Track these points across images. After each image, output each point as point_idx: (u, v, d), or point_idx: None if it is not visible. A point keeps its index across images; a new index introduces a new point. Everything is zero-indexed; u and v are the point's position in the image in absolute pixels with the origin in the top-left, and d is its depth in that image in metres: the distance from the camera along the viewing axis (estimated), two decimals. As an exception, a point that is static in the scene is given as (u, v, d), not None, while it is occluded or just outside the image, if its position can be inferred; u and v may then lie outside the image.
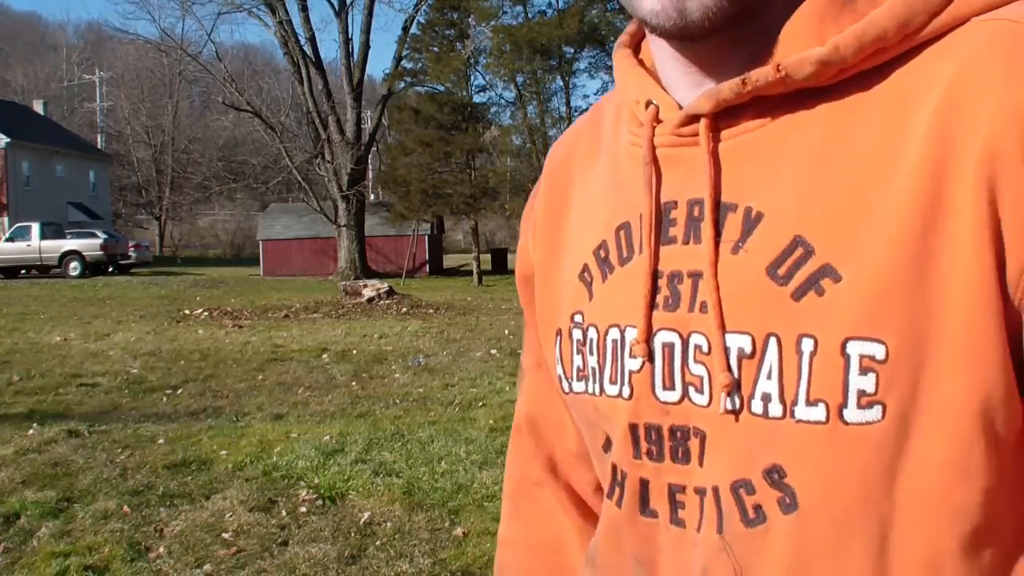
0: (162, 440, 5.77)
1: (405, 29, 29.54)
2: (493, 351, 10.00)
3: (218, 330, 12.40)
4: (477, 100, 30.11)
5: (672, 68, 0.66)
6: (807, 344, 0.57)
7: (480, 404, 7.00)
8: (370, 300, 16.46)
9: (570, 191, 0.78)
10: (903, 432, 0.55)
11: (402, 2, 32.51)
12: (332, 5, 29.48)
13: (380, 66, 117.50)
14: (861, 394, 0.55)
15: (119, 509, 4.35)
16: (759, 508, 0.60)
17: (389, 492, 4.61)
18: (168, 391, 7.61)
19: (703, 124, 0.62)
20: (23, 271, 29.44)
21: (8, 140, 37.84)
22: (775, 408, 0.58)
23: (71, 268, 28.75)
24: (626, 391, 0.67)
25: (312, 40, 29.17)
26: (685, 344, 0.63)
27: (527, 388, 0.88)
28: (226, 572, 3.63)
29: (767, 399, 0.59)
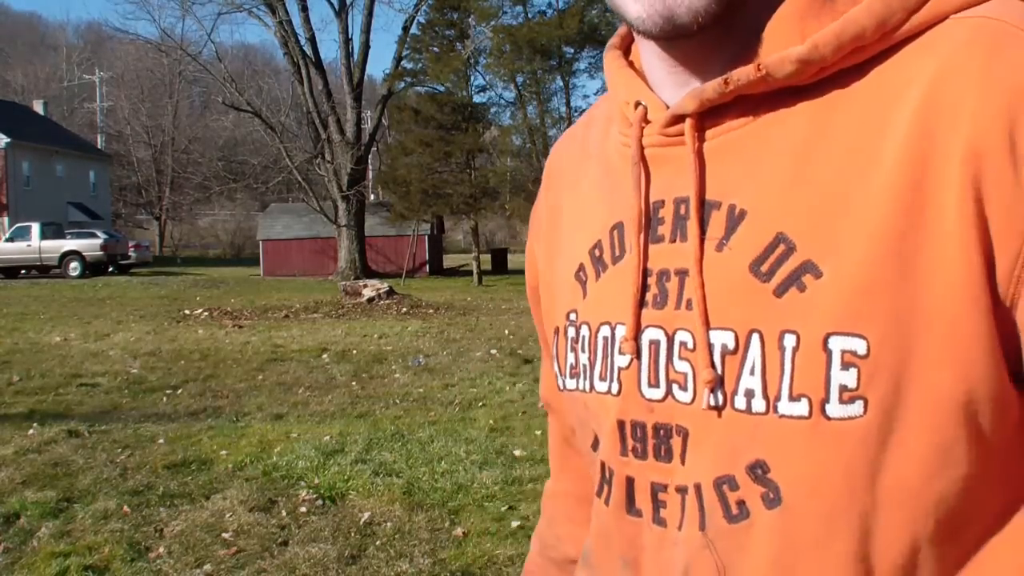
0: (162, 440, 5.77)
1: (405, 29, 29.57)
2: (493, 351, 10.00)
3: (218, 330, 12.40)
4: (477, 100, 30.13)
5: (658, 68, 0.67)
6: (789, 340, 0.58)
7: (480, 404, 7.01)
8: (370, 300, 16.47)
9: (562, 194, 0.80)
10: (885, 426, 0.56)
11: (402, 2, 32.45)
12: (332, 5, 29.52)
13: (380, 66, 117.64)
14: (843, 389, 0.56)
15: (119, 509, 4.35)
16: (742, 504, 0.61)
17: (389, 492, 4.61)
18: (168, 391, 7.61)
19: (688, 124, 0.63)
20: (23, 271, 29.43)
21: (8, 140, 37.85)
22: (758, 404, 0.59)
23: (71, 268, 28.74)
24: (615, 388, 0.68)
25: (312, 40, 29.19)
26: (671, 341, 0.64)
27: (544, 373, 0.90)
28: (226, 572, 3.63)
29: (750, 395, 0.59)
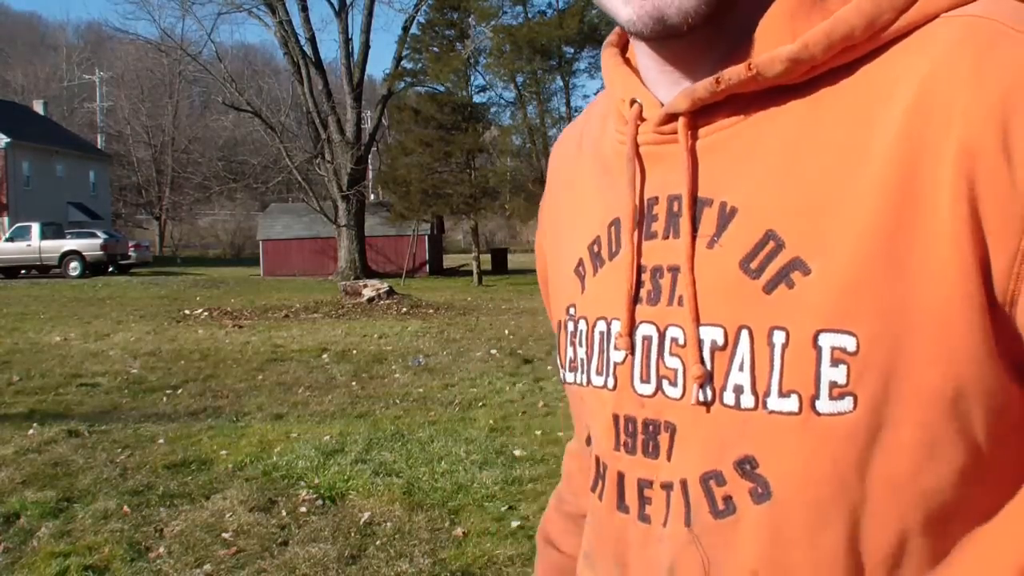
0: (162, 440, 5.77)
1: (405, 29, 29.56)
2: (493, 351, 10.00)
3: (218, 330, 12.40)
4: (477, 100, 30.13)
5: (651, 69, 0.67)
6: (779, 336, 0.58)
7: (480, 404, 7.01)
8: (370, 300, 16.47)
9: (561, 191, 0.81)
10: (875, 422, 0.56)
11: (402, 2, 32.52)
12: (332, 5, 29.51)
13: (380, 66, 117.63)
14: (833, 385, 0.56)
15: (119, 509, 4.35)
16: (729, 499, 0.61)
17: (389, 492, 4.61)
18: (168, 391, 7.61)
19: (681, 122, 0.64)
20: (23, 271, 29.43)
21: (8, 140, 37.85)
22: (747, 399, 0.59)
23: (71, 268, 28.74)
24: (611, 382, 0.69)
25: (312, 40, 29.18)
26: (662, 337, 0.65)
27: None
28: (226, 572, 3.63)
29: (739, 391, 0.60)
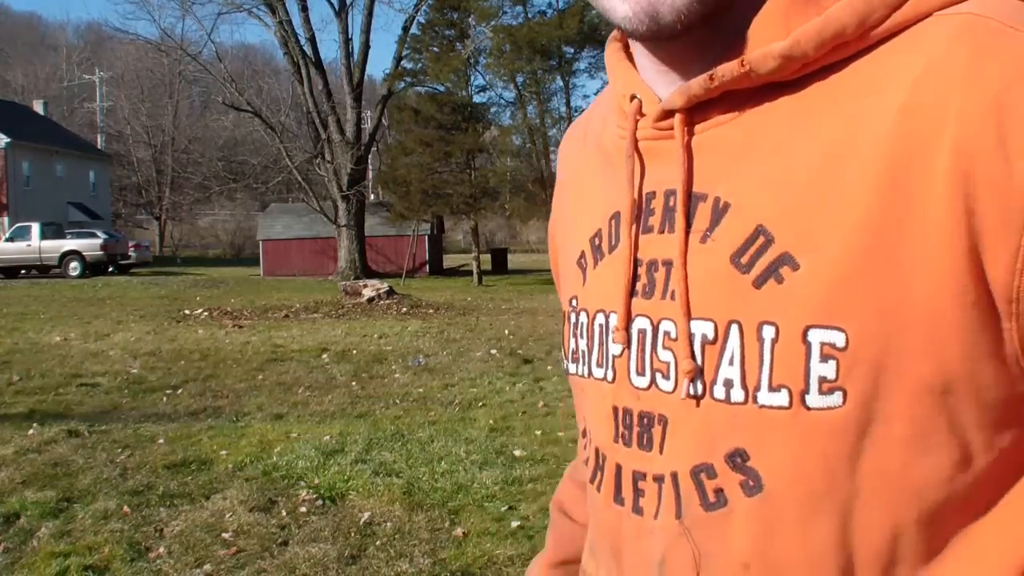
0: (162, 440, 5.77)
1: (405, 29, 29.56)
2: (493, 351, 10.01)
3: (218, 330, 12.40)
4: (477, 100, 30.10)
5: (648, 68, 0.68)
6: (768, 331, 0.58)
7: (480, 404, 7.01)
8: (370, 300, 16.47)
9: (566, 184, 0.83)
10: (865, 417, 0.56)
11: (402, 2, 32.53)
12: (332, 5, 29.51)
13: (380, 66, 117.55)
14: (822, 380, 0.56)
15: (119, 509, 4.35)
16: (720, 492, 0.61)
17: (389, 492, 4.61)
18: (168, 391, 7.61)
19: (677, 119, 0.65)
20: (23, 271, 29.43)
21: (8, 140, 37.85)
22: (737, 394, 0.60)
23: (71, 268, 28.74)
24: (610, 375, 0.70)
25: (312, 40, 29.17)
26: (655, 331, 0.65)
27: None
28: (226, 572, 3.63)
29: (729, 384, 0.60)
